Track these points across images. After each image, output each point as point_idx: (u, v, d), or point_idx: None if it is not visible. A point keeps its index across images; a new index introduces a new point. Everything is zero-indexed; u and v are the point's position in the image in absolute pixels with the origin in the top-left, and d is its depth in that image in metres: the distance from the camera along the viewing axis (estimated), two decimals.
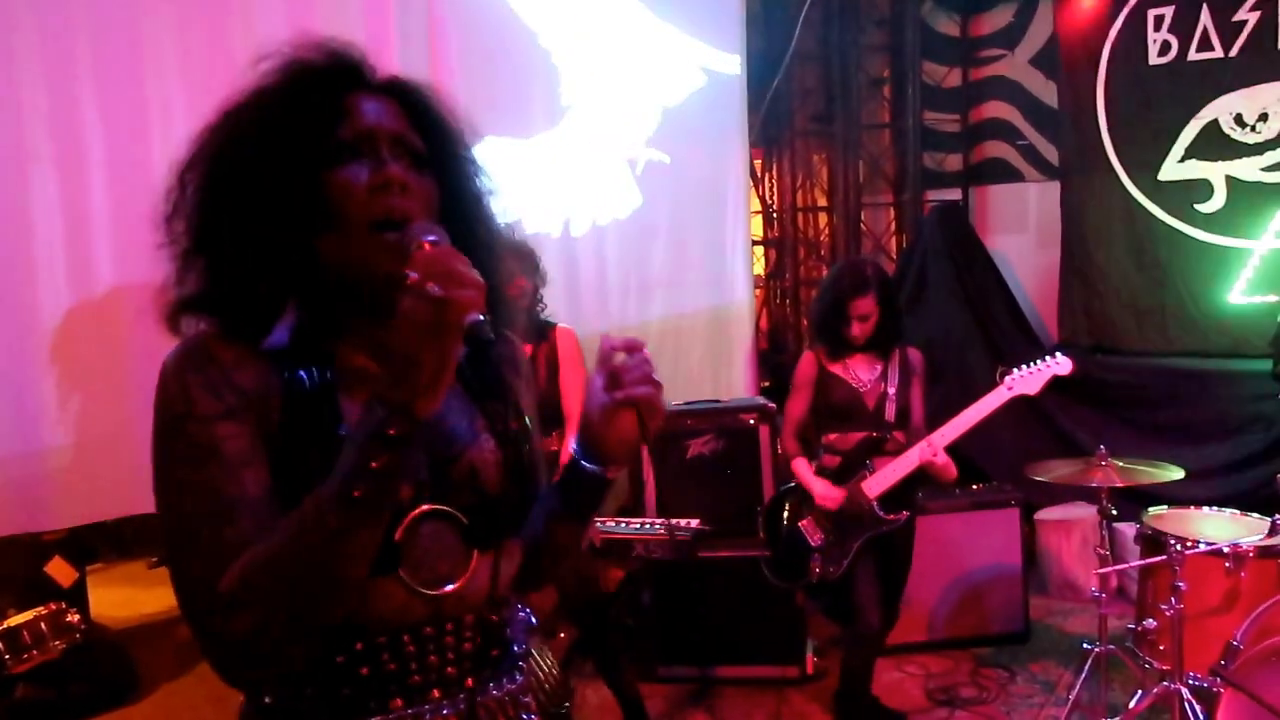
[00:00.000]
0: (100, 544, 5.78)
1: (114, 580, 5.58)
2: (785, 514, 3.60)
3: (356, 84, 1.24)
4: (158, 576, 5.77)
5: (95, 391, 2.91)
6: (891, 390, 3.50)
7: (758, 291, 6.84)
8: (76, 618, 4.08)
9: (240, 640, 1.05)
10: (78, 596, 4.13)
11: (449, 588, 1.20)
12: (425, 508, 1.19)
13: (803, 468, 3.58)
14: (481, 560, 1.22)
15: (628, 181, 5.17)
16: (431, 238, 1.10)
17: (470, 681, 1.22)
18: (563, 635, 3.71)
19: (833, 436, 3.56)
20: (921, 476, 3.43)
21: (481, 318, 1.03)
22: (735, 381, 5.91)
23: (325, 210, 1.16)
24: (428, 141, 1.24)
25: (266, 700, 1.20)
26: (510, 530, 1.28)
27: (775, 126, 6.89)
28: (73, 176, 2.87)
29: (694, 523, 3.74)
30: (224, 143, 1.19)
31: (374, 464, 1.02)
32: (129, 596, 5.30)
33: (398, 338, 1.02)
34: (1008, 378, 3.42)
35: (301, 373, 1.18)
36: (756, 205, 6.96)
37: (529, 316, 3.38)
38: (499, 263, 1.31)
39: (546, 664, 1.38)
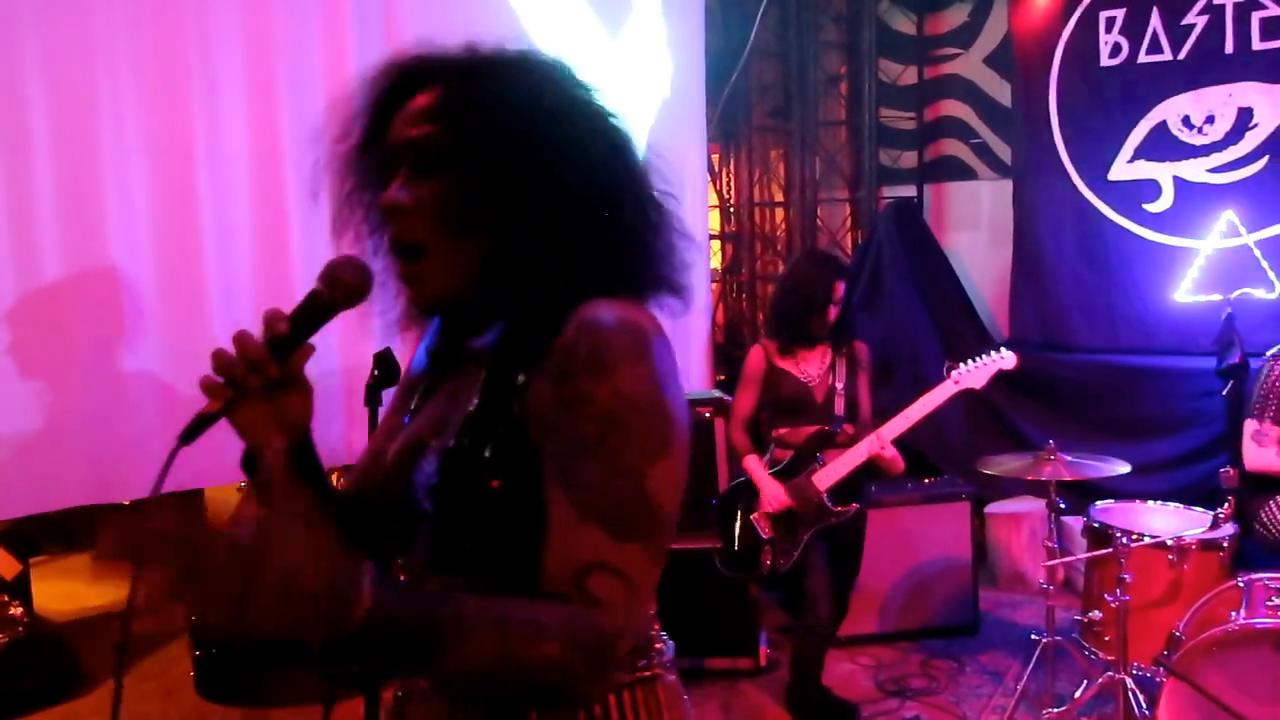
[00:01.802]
0: (43, 536, 5.68)
1: (58, 573, 5.48)
2: (738, 507, 3.61)
3: (411, 89, 1.16)
4: (103, 569, 5.68)
5: (39, 380, 2.85)
6: (840, 384, 3.53)
7: (714, 286, 6.86)
8: (19, 611, 4.02)
9: None
10: (20, 589, 4.06)
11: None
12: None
13: (754, 465, 3.58)
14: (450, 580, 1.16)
15: None
16: (318, 292, 1.09)
17: (399, 688, 1.22)
18: None
19: (783, 430, 3.58)
20: (871, 469, 3.46)
21: (202, 418, 1.04)
22: (691, 374, 5.92)
23: None
24: (457, 130, 1.11)
25: None
26: (457, 559, 1.15)
27: (733, 122, 6.89)
28: (16, 162, 2.81)
29: None
30: (341, 191, 1.22)
31: None
32: (73, 590, 5.21)
33: None
34: (954, 372, 3.48)
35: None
36: (714, 200, 6.97)
37: None
38: (546, 250, 1.12)
39: None
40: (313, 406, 1.11)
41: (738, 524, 3.59)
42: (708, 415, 4.23)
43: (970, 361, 3.48)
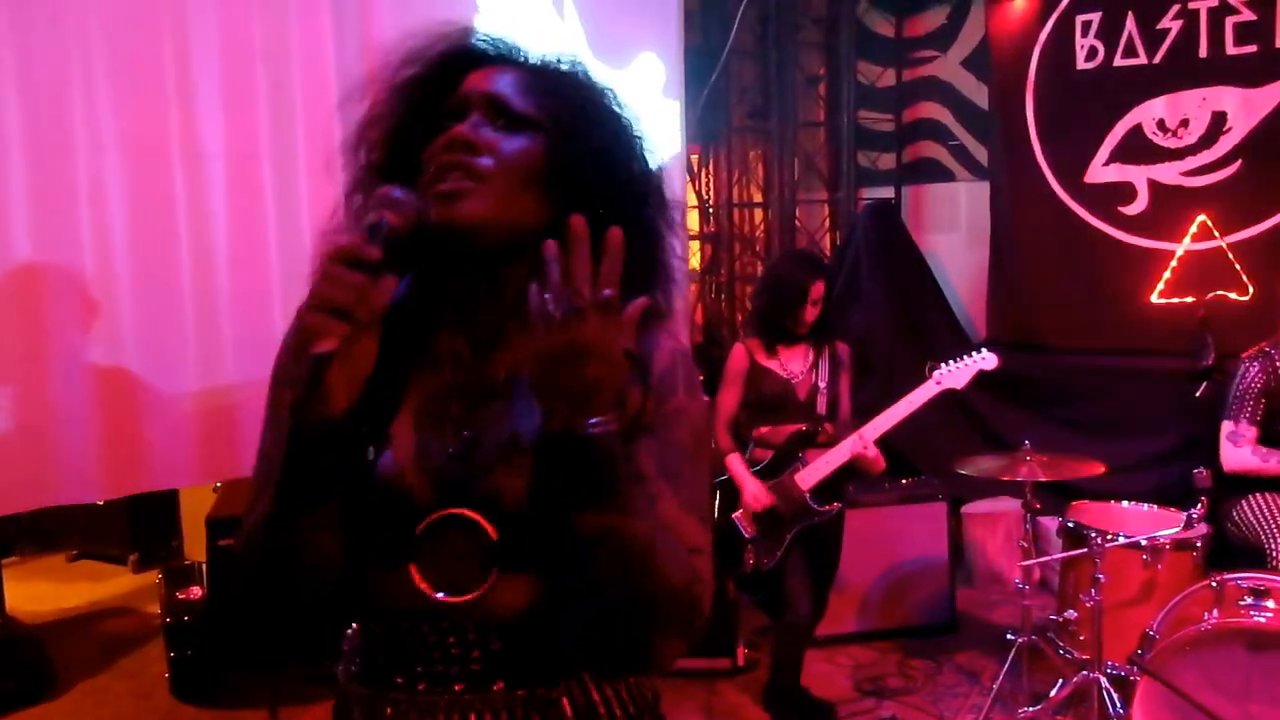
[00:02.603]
0: (17, 536, 5.63)
1: (31, 574, 5.44)
2: (719, 506, 3.62)
3: (484, 62, 1.20)
4: (78, 570, 5.64)
5: (12, 378, 2.82)
6: (822, 383, 3.55)
7: (693, 286, 6.86)
8: None
9: None
10: None
11: (452, 597, 1.14)
12: (451, 511, 1.13)
13: (736, 464, 3.59)
14: (510, 579, 1.14)
15: None
16: (380, 219, 1.03)
17: (500, 684, 1.16)
18: None
19: (764, 430, 3.59)
20: (851, 469, 3.48)
21: (327, 352, 0.97)
22: None
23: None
24: (542, 104, 1.16)
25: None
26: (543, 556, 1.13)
27: (712, 122, 6.90)
28: None
29: None
30: (369, 116, 1.22)
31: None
32: (47, 590, 5.17)
33: None
34: (936, 372, 3.51)
35: None
36: (693, 200, 6.98)
37: None
38: (639, 238, 1.13)
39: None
40: (375, 355, 1.08)
41: (720, 523, 3.59)
42: None
43: (952, 362, 3.51)
